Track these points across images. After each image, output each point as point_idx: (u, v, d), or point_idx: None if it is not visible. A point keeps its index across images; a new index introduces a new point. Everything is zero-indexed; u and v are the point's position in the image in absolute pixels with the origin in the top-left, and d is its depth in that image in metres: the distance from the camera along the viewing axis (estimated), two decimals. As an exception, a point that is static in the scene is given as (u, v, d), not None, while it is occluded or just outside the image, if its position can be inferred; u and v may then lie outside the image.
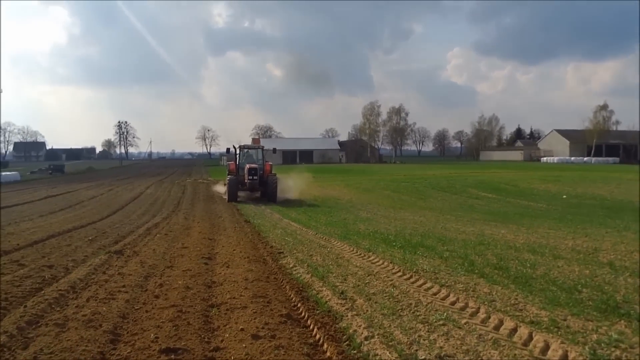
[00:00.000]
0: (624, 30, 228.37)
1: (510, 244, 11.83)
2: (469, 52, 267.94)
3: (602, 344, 4.83)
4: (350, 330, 5.21)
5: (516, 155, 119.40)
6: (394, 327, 5.24)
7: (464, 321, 5.40)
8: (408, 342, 4.79)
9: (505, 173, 51.99)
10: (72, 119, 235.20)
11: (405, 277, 7.96)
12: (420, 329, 5.17)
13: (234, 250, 10.42)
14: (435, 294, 6.84)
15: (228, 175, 26.49)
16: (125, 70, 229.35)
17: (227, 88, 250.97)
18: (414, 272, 8.21)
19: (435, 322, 5.40)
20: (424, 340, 4.87)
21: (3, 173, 53.97)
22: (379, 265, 9.03)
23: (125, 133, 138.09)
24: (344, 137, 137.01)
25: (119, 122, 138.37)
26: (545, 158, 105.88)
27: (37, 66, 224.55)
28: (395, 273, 8.28)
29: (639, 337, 5.06)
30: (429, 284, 7.39)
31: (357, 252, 10.44)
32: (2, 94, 48.54)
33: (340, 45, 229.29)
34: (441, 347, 4.68)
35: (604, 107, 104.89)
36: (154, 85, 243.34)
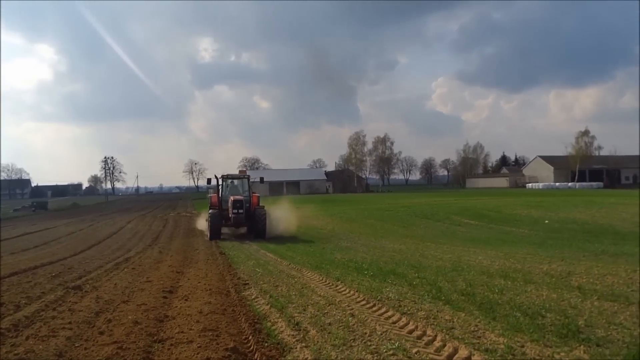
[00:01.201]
0: (603, 57, 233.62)
1: (484, 270, 11.65)
2: (453, 82, 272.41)
3: (555, 371, 4.63)
4: (296, 363, 4.96)
5: (502, 182, 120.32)
6: (341, 358, 5.00)
7: (415, 350, 5.17)
8: (352, 373, 4.56)
9: (489, 200, 52.12)
10: (57, 156, 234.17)
11: (367, 305, 7.73)
12: (367, 360, 4.94)
13: (199, 282, 10.13)
14: (394, 323, 6.61)
15: (210, 209, 23.32)
16: (112, 106, 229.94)
17: (215, 121, 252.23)
18: (378, 300, 7.99)
19: (386, 351, 5.17)
20: (369, 371, 4.63)
21: (-17, 211, 53.12)
22: (344, 294, 8.79)
23: (111, 168, 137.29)
24: (331, 168, 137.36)
25: (104, 157, 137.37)
26: (530, 184, 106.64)
27: (22, 104, 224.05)
28: (358, 302, 8.05)
29: (595, 362, 4.88)
30: (390, 313, 7.16)
31: (325, 282, 10.20)
32: None
33: (325, 77, 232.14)
34: (386, 379, 4.46)
35: (586, 132, 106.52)
36: (141, 120, 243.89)
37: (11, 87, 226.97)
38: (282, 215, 25.17)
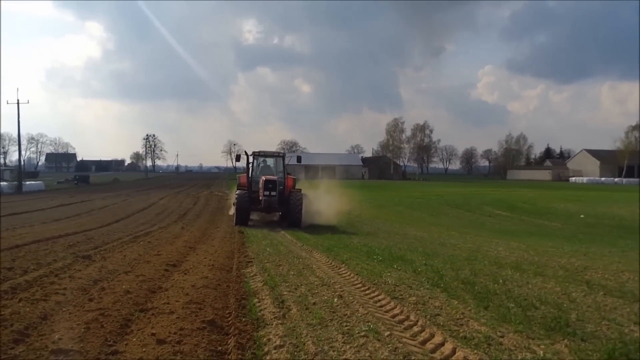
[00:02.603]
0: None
1: (498, 260, 11.40)
2: (500, 71, 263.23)
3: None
4: (265, 339, 4.97)
5: (544, 175, 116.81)
6: (311, 337, 4.97)
7: (387, 333, 5.08)
8: (314, 352, 4.53)
9: (526, 192, 50.81)
10: (103, 132, 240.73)
11: (362, 288, 7.68)
12: (337, 340, 4.89)
13: (205, 258, 10.29)
14: (381, 306, 6.54)
15: (237, 190, 20.34)
16: (156, 85, 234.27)
17: (256, 103, 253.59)
18: (374, 284, 7.91)
19: (358, 333, 5.11)
20: (333, 351, 4.59)
21: (28, 182, 55.44)
22: (343, 276, 8.75)
23: (152, 146, 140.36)
24: (369, 154, 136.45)
25: (146, 135, 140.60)
26: (574, 178, 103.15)
27: (71, 80, 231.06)
28: (354, 284, 8.00)
29: (574, 357, 4.68)
30: (381, 296, 7.09)
31: (330, 264, 10.18)
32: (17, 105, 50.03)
33: (369, 61, 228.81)
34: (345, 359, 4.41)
35: (637, 127, 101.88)
36: (184, 100, 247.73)
37: (61, 64, 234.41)
38: (322, 201, 21.96)
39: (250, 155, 20.78)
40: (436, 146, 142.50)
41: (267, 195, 18.78)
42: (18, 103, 50.78)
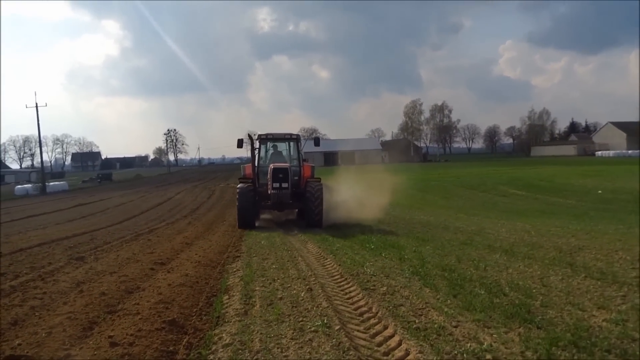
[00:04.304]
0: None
1: (492, 244, 11.33)
2: (522, 44, 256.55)
3: (466, 354, 4.47)
4: (216, 338, 5.08)
5: (569, 150, 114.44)
6: (262, 334, 5.07)
7: (337, 327, 5.14)
8: (257, 350, 4.62)
9: (545, 169, 49.95)
10: (126, 129, 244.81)
11: (338, 280, 7.77)
12: (286, 336, 4.98)
13: (196, 254, 10.47)
14: (348, 299, 6.62)
15: (240, 184, 16.26)
16: (175, 80, 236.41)
17: (274, 92, 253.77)
18: (353, 275, 7.96)
19: (309, 328, 5.18)
20: (277, 348, 4.67)
21: (52, 183, 56.88)
22: (326, 267, 8.85)
23: (174, 140, 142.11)
24: (389, 138, 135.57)
25: (167, 130, 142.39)
26: (600, 152, 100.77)
27: (91, 79, 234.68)
28: (332, 276, 8.10)
29: (521, 346, 4.66)
30: (353, 288, 7.16)
31: (319, 255, 10.28)
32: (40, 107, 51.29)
33: (386, 43, 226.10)
34: (286, 356, 4.49)
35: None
36: (203, 93, 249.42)
37: (80, 64, 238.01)
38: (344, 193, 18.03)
39: (256, 138, 16.78)
40: (456, 126, 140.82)
41: (277, 187, 15.17)
42: (37, 106, 52.07)
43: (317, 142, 18.47)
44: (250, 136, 16.78)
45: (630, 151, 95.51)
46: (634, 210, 21.75)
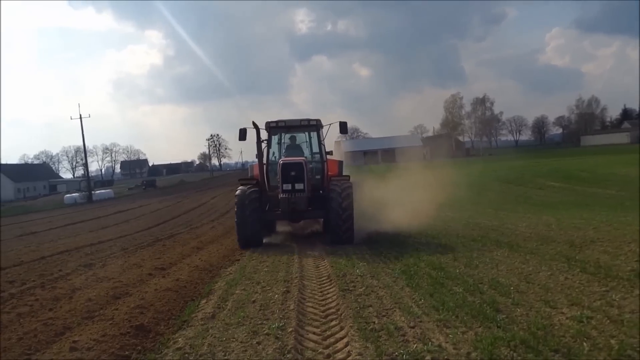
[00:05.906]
0: None
1: (500, 240, 10.99)
2: (570, 32, 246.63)
3: (407, 355, 4.39)
4: (172, 342, 5.18)
5: (622, 138, 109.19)
6: (215, 337, 5.15)
7: (290, 329, 5.16)
8: (201, 353, 4.70)
9: (588, 158, 48.01)
10: (171, 136, 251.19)
11: (324, 282, 7.76)
12: (236, 340, 5.04)
13: (200, 259, 10.65)
14: (322, 300, 6.61)
15: (240, 186, 12.69)
16: (217, 85, 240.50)
17: (316, 93, 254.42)
18: (340, 276, 7.93)
19: (263, 331, 5.21)
20: (222, 352, 4.73)
21: (98, 191, 59.17)
22: (319, 269, 8.85)
23: (217, 145, 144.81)
24: (432, 133, 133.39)
25: (210, 135, 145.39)
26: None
27: (137, 89, 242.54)
28: (319, 278, 8.08)
29: (470, 347, 4.53)
30: (332, 289, 7.13)
31: (316, 256, 10.26)
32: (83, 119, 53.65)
33: (426, 38, 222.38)
34: (227, 359, 4.54)
35: None
36: (245, 96, 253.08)
37: (126, 74, 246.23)
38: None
39: (263, 128, 12.94)
40: (499, 118, 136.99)
41: (288, 190, 11.86)
42: (81, 118, 54.30)
43: (343, 127, 13.36)
44: (255, 125, 12.36)
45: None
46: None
